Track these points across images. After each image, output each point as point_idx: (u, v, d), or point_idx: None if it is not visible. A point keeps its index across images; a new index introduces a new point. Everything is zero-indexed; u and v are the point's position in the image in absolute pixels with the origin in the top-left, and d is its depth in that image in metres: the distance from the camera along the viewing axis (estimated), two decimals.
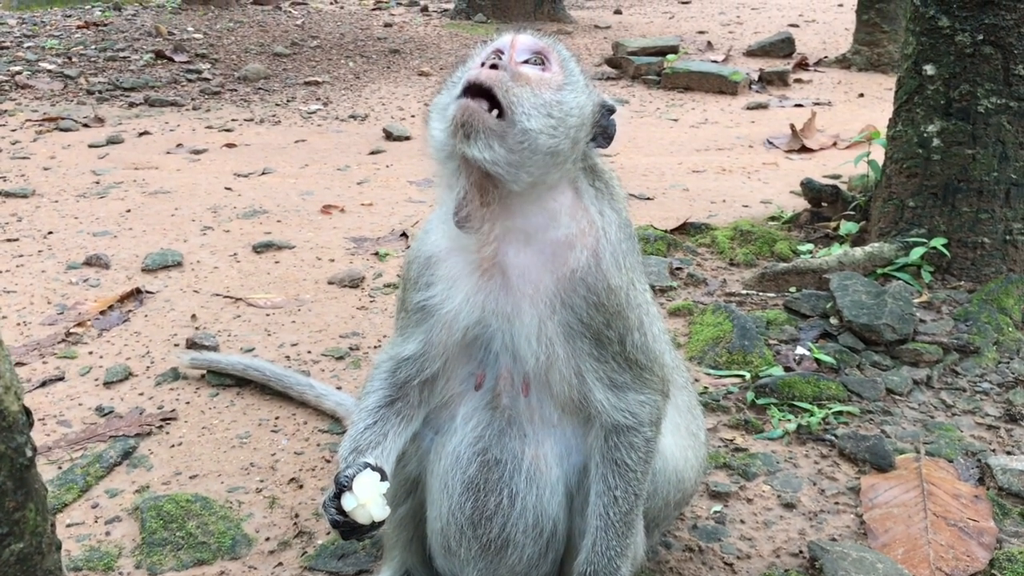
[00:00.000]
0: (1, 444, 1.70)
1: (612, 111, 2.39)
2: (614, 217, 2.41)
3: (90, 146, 8.78)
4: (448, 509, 2.51)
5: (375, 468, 2.31)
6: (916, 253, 5.09)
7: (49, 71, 12.02)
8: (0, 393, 1.69)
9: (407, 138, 9.33)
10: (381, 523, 2.30)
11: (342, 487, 2.27)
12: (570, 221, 2.33)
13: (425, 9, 19.19)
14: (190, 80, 11.97)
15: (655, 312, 2.54)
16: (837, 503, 3.42)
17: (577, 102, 2.28)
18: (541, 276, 2.31)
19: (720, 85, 11.69)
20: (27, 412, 1.77)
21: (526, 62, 2.28)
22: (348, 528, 2.29)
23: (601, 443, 2.44)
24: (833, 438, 3.79)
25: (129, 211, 6.76)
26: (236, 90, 11.58)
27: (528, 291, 2.31)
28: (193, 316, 4.99)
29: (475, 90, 2.17)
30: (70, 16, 16.33)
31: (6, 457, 1.71)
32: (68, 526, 3.27)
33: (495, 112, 2.16)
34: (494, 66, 2.21)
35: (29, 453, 1.76)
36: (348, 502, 2.25)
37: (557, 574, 2.63)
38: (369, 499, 2.25)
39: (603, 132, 2.38)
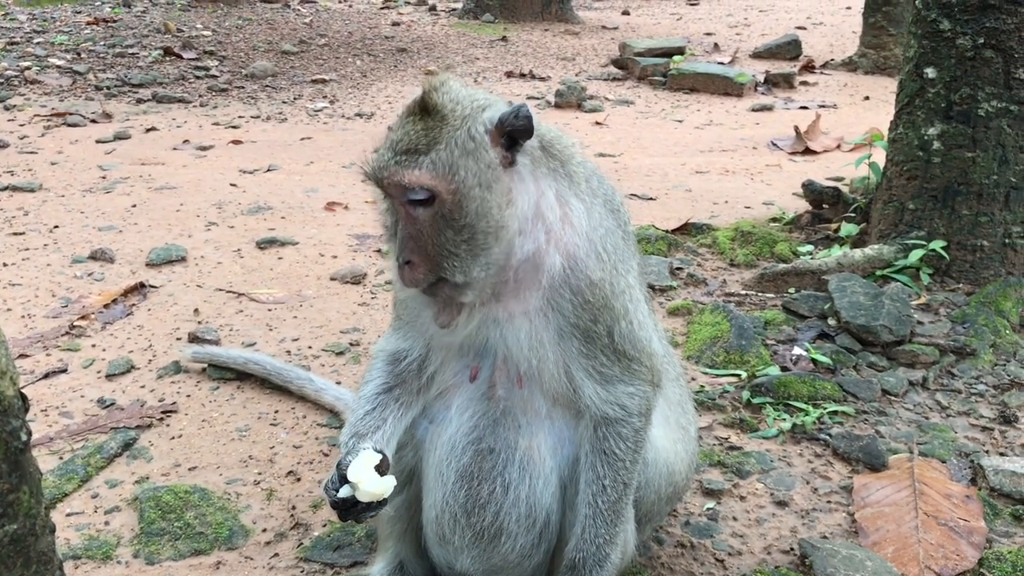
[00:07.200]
0: None
1: (514, 115, 2.21)
2: (580, 207, 2.38)
3: (97, 141, 8.83)
4: (442, 497, 2.55)
5: (376, 451, 2.39)
6: (915, 255, 5.10)
7: (58, 67, 12.08)
8: None
9: None
10: (383, 501, 2.35)
11: (343, 474, 2.34)
12: (535, 234, 2.31)
13: (433, 8, 19.21)
14: (198, 77, 12.02)
15: (639, 296, 2.53)
16: (829, 501, 3.44)
17: (480, 196, 2.20)
18: (526, 295, 2.36)
19: (726, 87, 11.70)
20: (23, 397, 1.80)
21: (413, 203, 2.23)
22: (346, 508, 2.34)
23: (590, 433, 2.48)
24: (827, 437, 3.81)
25: (134, 206, 6.80)
26: (243, 87, 11.63)
27: (519, 308, 2.37)
28: (196, 310, 5.03)
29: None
30: (80, 12, 16.40)
31: (0, 440, 1.75)
32: (68, 515, 3.31)
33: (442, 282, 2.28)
34: (408, 262, 2.26)
35: (24, 437, 1.79)
36: (344, 491, 2.33)
37: (549, 564, 2.66)
38: (362, 479, 2.31)
39: (522, 132, 2.23)
